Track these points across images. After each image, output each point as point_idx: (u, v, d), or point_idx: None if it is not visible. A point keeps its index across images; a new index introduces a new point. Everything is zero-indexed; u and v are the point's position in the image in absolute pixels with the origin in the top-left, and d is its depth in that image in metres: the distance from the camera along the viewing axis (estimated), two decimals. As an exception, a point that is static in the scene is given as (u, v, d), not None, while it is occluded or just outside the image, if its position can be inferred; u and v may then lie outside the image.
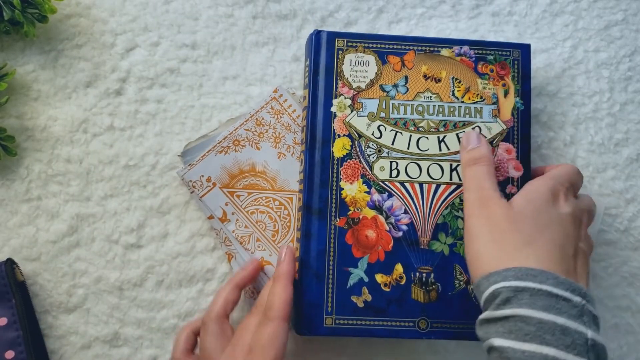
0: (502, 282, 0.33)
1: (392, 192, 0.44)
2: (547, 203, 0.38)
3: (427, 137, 0.45)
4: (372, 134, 0.45)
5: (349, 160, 0.45)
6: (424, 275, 0.43)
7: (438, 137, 0.45)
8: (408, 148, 0.45)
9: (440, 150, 0.45)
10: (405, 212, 0.44)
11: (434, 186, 0.45)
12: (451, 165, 0.45)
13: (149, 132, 0.49)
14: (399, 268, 0.43)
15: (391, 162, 0.45)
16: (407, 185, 0.44)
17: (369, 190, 0.44)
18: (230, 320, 0.43)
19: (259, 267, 0.46)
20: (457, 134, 0.45)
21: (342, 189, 0.44)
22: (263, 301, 0.41)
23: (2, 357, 0.43)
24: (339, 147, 0.45)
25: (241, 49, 0.51)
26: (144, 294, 0.48)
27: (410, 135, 0.45)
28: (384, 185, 0.44)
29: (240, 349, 0.39)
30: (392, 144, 0.45)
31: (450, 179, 0.45)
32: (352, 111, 0.45)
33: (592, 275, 0.49)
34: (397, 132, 0.45)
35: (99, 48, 0.50)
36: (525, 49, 0.47)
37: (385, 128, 0.45)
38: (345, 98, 0.45)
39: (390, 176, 0.45)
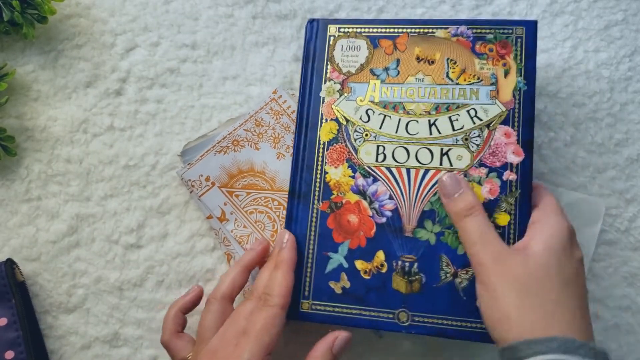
0: (548, 354, 0.33)
1: (378, 176, 0.44)
2: (566, 251, 0.37)
3: (417, 121, 0.44)
4: (360, 118, 0.44)
5: (335, 144, 0.44)
6: (407, 264, 0.42)
7: (429, 121, 0.44)
8: (396, 132, 0.44)
9: (430, 134, 0.44)
10: (390, 197, 0.43)
11: (422, 171, 0.43)
12: (442, 149, 0.43)
13: (149, 132, 0.49)
14: (380, 255, 0.42)
15: (378, 147, 0.44)
16: (394, 169, 0.43)
17: (353, 174, 0.44)
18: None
19: (267, 248, 0.45)
20: (449, 117, 0.44)
21: (327, 172, 0.44)
22: (259, 286, 0.41)
23: (2, 357, 0.43)
24: (326, 131, 0.44)
25: (241, 49, 0.51)
26: (143, 294, 0.48)
27: (400, 119, 0.44)
28: (369, 170, 0.44)
29: (234, 330, 0.38)
30: (380, 128, 0.44)
31: (440, 163, 0.43)
32: (340, 95, 0.45)
33: (592, 275, 0.49)
34: (385, 115, 0.44)
35: (99, 48, 0.50)
36: (530, 26, 0.44)
37: (374, 112, 0.44)
38: (334, 83, 0.45)
39: (377, 160, 0.44)
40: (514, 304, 0.36)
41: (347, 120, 0.44)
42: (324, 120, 0.45)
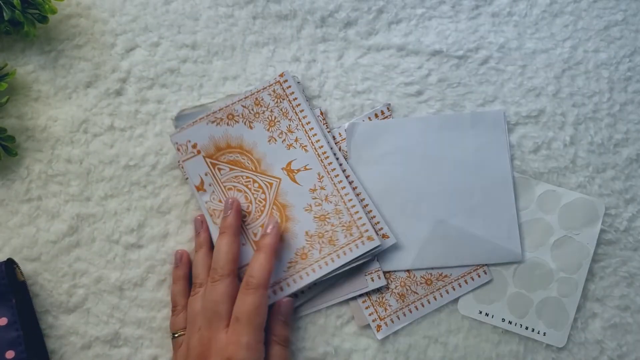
0: None
1: None
2: None
3: None
4: None
5: None
6: None
7: None
8: None
9: None
10: None
11: None
12: None
13: (149, 132, 0.49)
14: None
15: None
16: None
17: None
18: None
19: (239, 208, 0.46)
20: None
21: None
22: (218, 261, 0.43)
23: (3, 357, 0.43)
24: None
25: (241, 49, 0.51)
26: (144, 294, 0.48)
27: None
28: None
29: (220, 318, 0.41)
30: None
31: None
32: None
33: (592, 275, 0.49)
34: None
35: (99, 48, 0.50)
36: None
37: None
38: None
39: None
40: None
41: None
42: None
